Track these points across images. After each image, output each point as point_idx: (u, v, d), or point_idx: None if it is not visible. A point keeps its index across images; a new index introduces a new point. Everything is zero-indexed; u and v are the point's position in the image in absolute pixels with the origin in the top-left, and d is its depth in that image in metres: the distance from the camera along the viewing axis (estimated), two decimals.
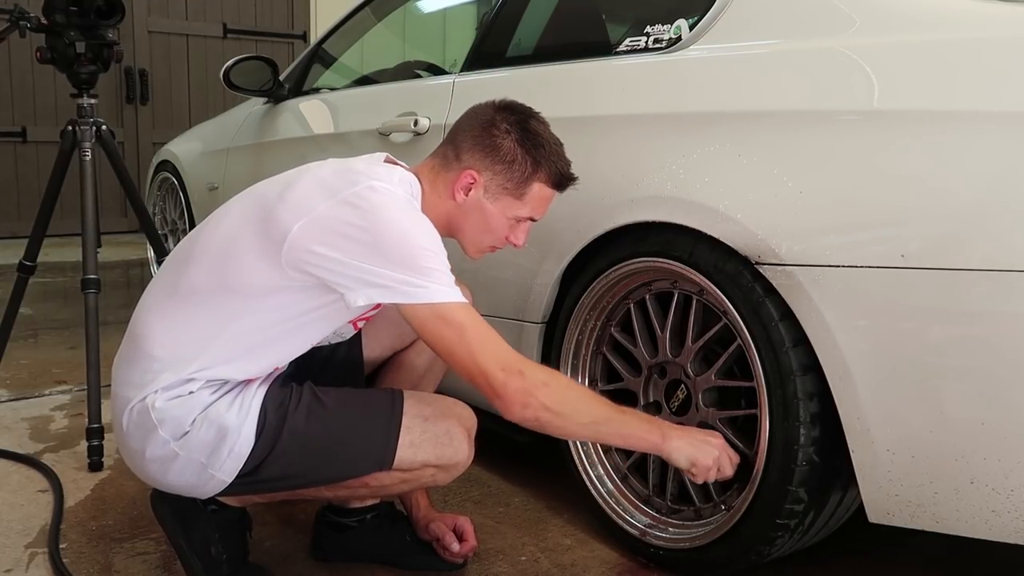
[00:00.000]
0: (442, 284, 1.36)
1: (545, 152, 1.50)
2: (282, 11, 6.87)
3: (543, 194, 1.53)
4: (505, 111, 1.52)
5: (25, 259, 2.32)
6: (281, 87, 3.03)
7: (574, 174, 1.55)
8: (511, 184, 1.50)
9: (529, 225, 1.56)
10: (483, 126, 1.51)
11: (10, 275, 2.46)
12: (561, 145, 1.54)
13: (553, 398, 1.38)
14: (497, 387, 1.36)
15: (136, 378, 1.43)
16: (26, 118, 5.94)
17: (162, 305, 1.46)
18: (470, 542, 1.67)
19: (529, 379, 1.37)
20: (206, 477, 1.42)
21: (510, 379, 1.36)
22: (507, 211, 1.52)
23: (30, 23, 2.19)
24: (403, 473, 1.47)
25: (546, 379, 1.40)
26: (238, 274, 1.40)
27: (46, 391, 2.73)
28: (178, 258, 1.49)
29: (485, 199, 1.51)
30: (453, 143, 1.53)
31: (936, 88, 1.33)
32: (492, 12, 2.29)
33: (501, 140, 1.49)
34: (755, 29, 1.63)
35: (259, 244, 1.38)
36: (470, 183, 1.50)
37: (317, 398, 1.45)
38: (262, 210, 1.42)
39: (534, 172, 1.50)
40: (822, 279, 1.37)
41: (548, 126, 1.54)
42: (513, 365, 1.37)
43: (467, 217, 1.52)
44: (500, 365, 1.36)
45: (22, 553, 1.70)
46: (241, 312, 1.41)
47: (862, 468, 1.38)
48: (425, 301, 1.35)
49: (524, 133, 1.50)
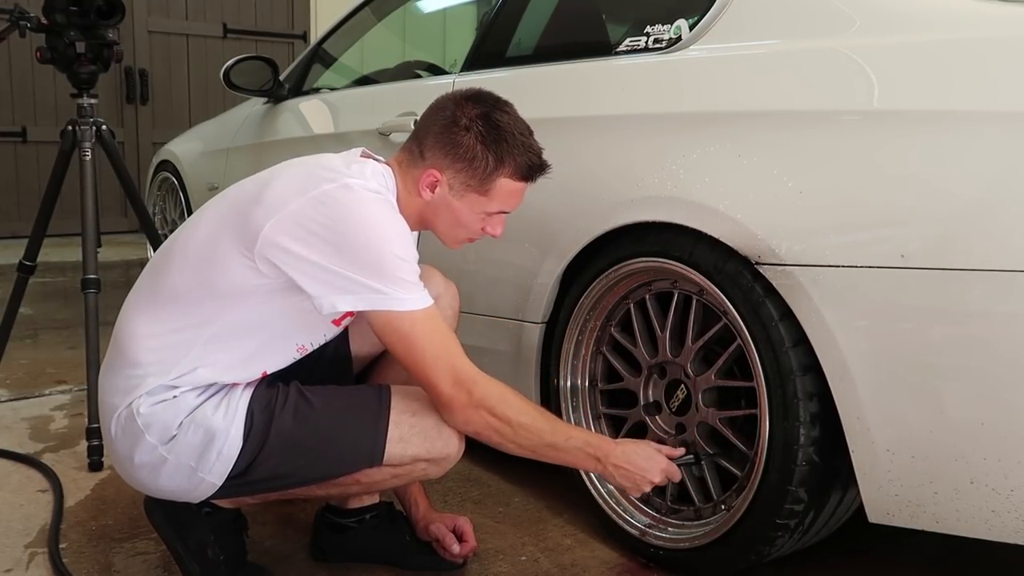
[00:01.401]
0: (405, 291, 1.36)
1: (508, 146, 1.45)
2: (282, 11, 6.86)
3: (510, 188, 1.49)
4: (467, 104, 1.47)
5: (25, 259, 2.32)
6: (281, 87, 3.02)
7: (545, 162, 1.50)
8: (475, 181, 1.47)
9: (504, 216, 1.54)
10: (444, 122, 1.47)
11: (10, 275, 2.46)
12: (530, 133, 1.49)
13: (497, 418, 1.41)
14: (444, 400, 1.41)
15: (121, 384, 1.43)
16: (26, 118, 5.93)
17: (143, 310, 1.46)
18: (470, 543, 1.67)
19: (477, 397, 1.40)
20: (196, 480, 1.42)
21: (457, 394, 1.40)
22: (474, 207, 1.50)
23: (30, 23, 2.19)
24: (393, 468, 1.47)
25: (496, 399, 1.41)
26: (217, 275, 1.40)
27: (46, 391, 2.73)
28: (157, 263, 1.49)
29: (451, 196, 1.49)
30: (418, 138, 1.51)
31: (936, 88, 1.33)
32: (492, 12, 2.29)
33: (461, 137, 1.45)
34: (755, 29, 1.63)
35: (236, 244, 1.39)
36: (434, 181, 1.48)
37: (304, 397, 1.45)
38: (238, 211, 1.42)
39: (496, 168, 1.46)
40: (822, 279, 1.37)
41: (514, 115, 1.49)
42: (464, 382, 1.40)
43: (437, 213, 1.52)
44: (452, 380, 1.40)
45: (22, 553, 1.70)
46: (221, 314, 1.41)
47: (862, 468, 1.38)
48: (385, 308, 1.36)
49: (487, 127, 1.45)
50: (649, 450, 1.52)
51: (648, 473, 1.48)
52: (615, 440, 1.54)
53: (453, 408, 1.41)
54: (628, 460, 1.48)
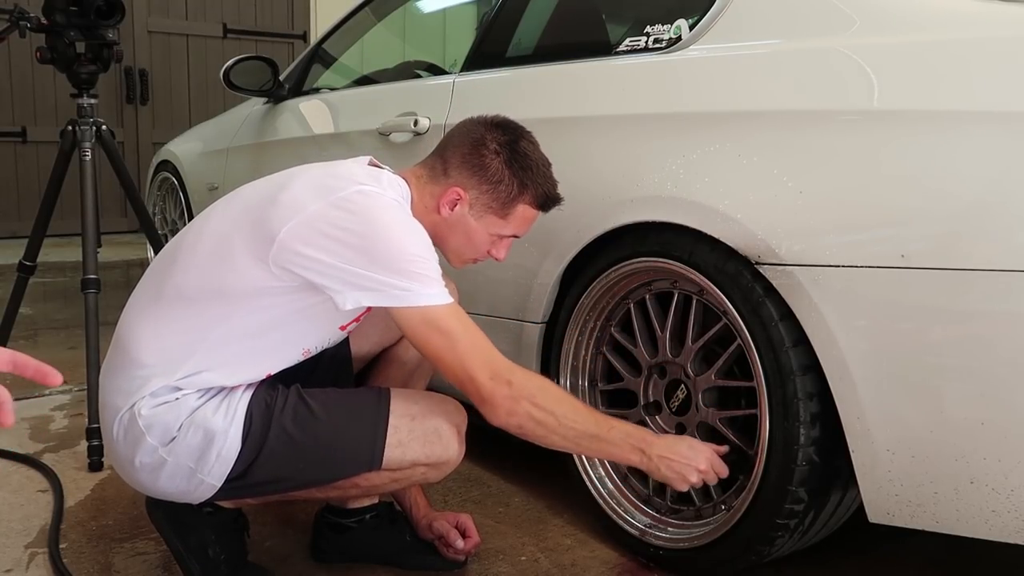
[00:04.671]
0: (431, 288, 1.36)
1: (532, 174, 1.51)
2: (282, 11, 6.86)
3: (527, 215, 1.54)
4: (496, 130, 1.52)
5: (25, 259, 2.33)
6: (281, 87, 3.02)
7: (560, 195, 1.56)
8: (496, 204, 1.51)
9: (511, 241, 1.58)
10: (473, 144, 1.51)
11: (10, 275, 2.46)
12: (549, 166, 1.55)
13: (540, 408, 1.39)
14: (485, 394, 1.38)
15: (124, 385, 1.42)
16: (26, 118, 5.94)
17: (147, 311, 1.45)
18: (473, 539, 1.67)
19: (517, 387, 1.38)
20: (196, 482, 1.42)
21: (498, 387, 1.37)
22: (490, 228, 1.53)
23: (30, 23, 2.20)
24: (393, 472, 1.47)
25: (535, 389, 1.40)
26: (227, 276, 1.40)
27: (46, 391, 2.72)
28: (162, 264, 1.49)
29: (470, 215, 1.51)
30: (442, 156, 1.54)
31: (936, 88, 1.33)
32: (492, 12, 2.29)
33: (490, 160, 1.49)
34: (755, 29, 1.63)
35: (249, 246, 1.38)
36: (456, 199, 1.50)
37: (303, 400, 1.45)
38: (252, 213, 1.41)
39: (520, 194, 1.51)
40: (822, 279, 1.37)
41: (538, 147, 1.54)
42: (502, 373, 1.38)
43: (451, 231, 1.53)
44: (489, 372, 1.37)
45: (22, 553, 1.70)
46: (228, 315, 1.41)
47: (862, 468, 1.38)
48: (413, 305, 1.35)
49: (513, 154, 1.50)
50: (693, 440, 1.51)
51: (694, 462, 1.45)
52: (656, 434, 1.53)
53: (495, 402, 1.38)
54: (672, 450, 1.46)
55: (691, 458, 1.46)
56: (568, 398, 1.46)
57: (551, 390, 1.44)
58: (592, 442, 1.44)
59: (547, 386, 1.44)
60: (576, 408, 1.45)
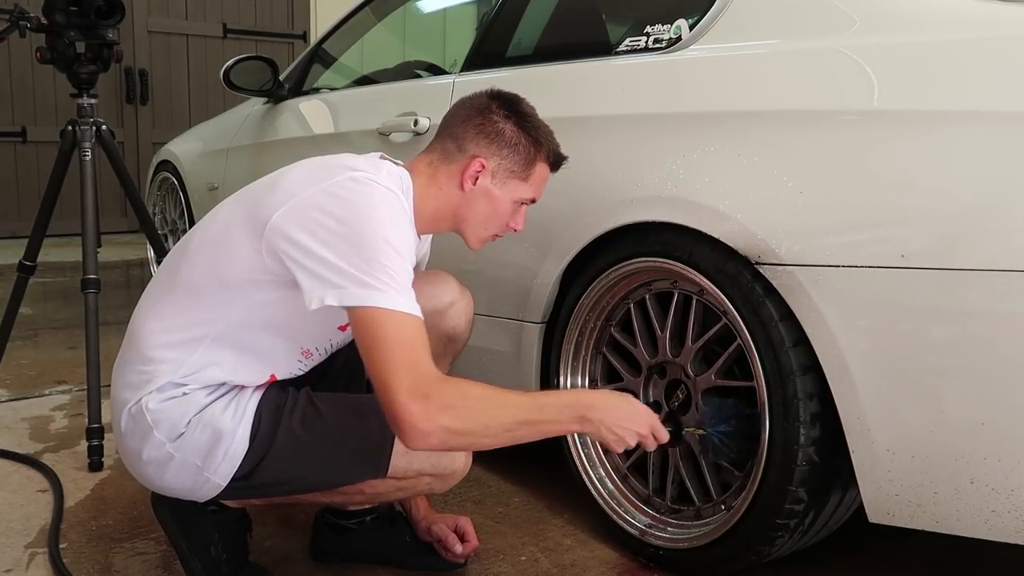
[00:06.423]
0: (390, 290, 1.28)
1: (541, 132, 1.54)
2: (282, 11, 6.86)
3: (543, 174, 1.56)
4: (496, 99, 1.54)
5: (25, 259, 2.32)
6: (281, 87, 3.02)
7: (565, 153, 1.58)
8: (518, 167, 1.52)
9: (527, 209, 1.58)
10: (481, 114, 1.52)
11: (10, 275, 2.46)
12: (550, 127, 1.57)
13: (457, 419, 1.26)
14: (397, 412, 1.25)
15: (133, 379, 1.43)
16: (26, 118, 5.93)
17: (157, 305, 1.46)
18: (472, 542, 1.67)
19: (432, 402, 1.24)
20: (202, 480, 1.42)
21: (412, 403, 1.24)
22: (514, 194, 1.53)
23: (30, 23, 2.19)
24: (398, 481, 1.47)
25: (451, 400, 1.27)
26: (225, 265, 1.40)
27: (46, 391, 2.73)
28: (174, 258, 1.49)
29: (492, 185, 1.51)
30: (451, 135, 1.53)
31: (936, 88, 1.33)
32: (492, 12, 2.29)
33: (503, 126, 1.51)
34: (755, 29, 1.63)
35: (246, 232, 1.38)
36: (479, 170, 1.50)
37: (312, 404, 1.45)
38: (252, 201, 1.42)
39: (536, 152, 1.53)
40: (822, 279, 1.37)
41: (535, 108, 1.57)
42: (420, 388, 1.25)
43: (472, 206, 1.52)
44: (407, 386, 1.24)
45: (22, 553, 1.70)
46: (229, 308, 1.40)
47: (862, 468, 1.38)
48: (367, 304, 1.27)
49: (520, 116, 1.53)
50: (636, 403, 1.44)
51: (634, 424, 1.39)
52: (597, 391, 1.48)
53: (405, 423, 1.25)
54: (613, 413, 1.38)
55: (632, 420, 1.39)
56: (491, 394, 1.33)
57: (471, 395, 1.30)
58: (529, 428, 1.34)
59: (467, 390, 1.30)
60: (501, 402, 1.33)
